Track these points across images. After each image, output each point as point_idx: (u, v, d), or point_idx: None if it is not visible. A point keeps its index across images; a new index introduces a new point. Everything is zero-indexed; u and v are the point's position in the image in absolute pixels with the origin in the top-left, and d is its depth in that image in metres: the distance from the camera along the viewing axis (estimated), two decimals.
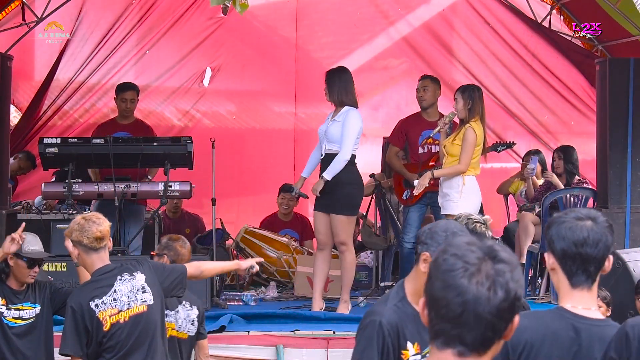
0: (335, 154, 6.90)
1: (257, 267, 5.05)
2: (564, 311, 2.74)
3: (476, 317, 1.80)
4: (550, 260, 2.78)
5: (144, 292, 4.52)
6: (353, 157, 7.00)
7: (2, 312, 5.06)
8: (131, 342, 4.44)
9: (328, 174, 6.86)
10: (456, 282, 1.81)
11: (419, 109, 8.08)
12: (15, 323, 5.09)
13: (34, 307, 5.14)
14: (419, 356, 3.25)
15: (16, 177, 9.35)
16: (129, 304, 4.46)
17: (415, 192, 7.17)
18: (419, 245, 3.34)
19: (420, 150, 7.89)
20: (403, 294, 3.33)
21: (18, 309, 5.11)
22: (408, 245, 7.75)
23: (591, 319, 2.73)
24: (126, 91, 8.36)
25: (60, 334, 5.25)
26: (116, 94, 8.43)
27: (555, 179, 8.35)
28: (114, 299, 4.43)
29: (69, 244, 4.49)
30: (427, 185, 7.20)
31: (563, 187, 8.35)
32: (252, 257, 8.43)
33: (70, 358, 4.48)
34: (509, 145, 7.98)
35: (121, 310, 4.44)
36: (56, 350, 5.21)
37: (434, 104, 7.93)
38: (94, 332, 4.39)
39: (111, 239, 4.61)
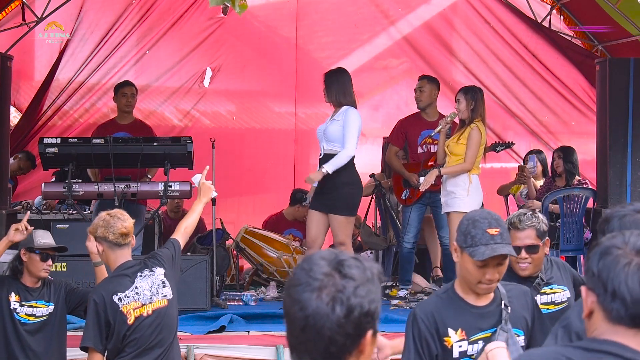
0: (334, 154, 6.89)
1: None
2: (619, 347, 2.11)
3: (317, 333, 1.78)
4: (590, 298, 2.16)
5: (164, 286, 4.59)
6: (352, 157, 6.99)
7: (16, 309, 5.11)
8: (154, 337, 4.46)
9: (330, 167, 6.80)
10: (299, 296, 1.80)
11: (413, 108, 8.09)
12: (28, 320, 5.14)
13: (48, 306, 5.19)
14: (465, 342, 3.28)
15: (16, 177, 9.35)
16: (151, 298, 4.51)
17: (422, 188, 7.16)
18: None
19: (420, 150, 7.89)
20: (452, 285, 3.40)
21: (31, 306, 5.16)
22: (408, 245, 7.75)
23: None
24: (125, 86, 8.38)
25: (73, 333, 5.29)
26: (115, 92, 8.43)
27: (530, 182, 8.43)
28: (137, 293, 4.48)
29: (91, 242, 4.55)
30: (434, 182, 7.23)
31: (534, 190, 8.39)
32: (252, 257, 8.47)
33: (88, 353, 4.48)
34: (508, 145, 7.99)
35: (144, 304, 4.48)
36: (70, 349, 5.26)
37: (432, 104, 7.92)
38: (117, 326, 4.39)
39: (134, 237, 4.70)
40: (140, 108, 9.37)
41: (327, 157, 6.93)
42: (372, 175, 8.69)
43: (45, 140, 7.45)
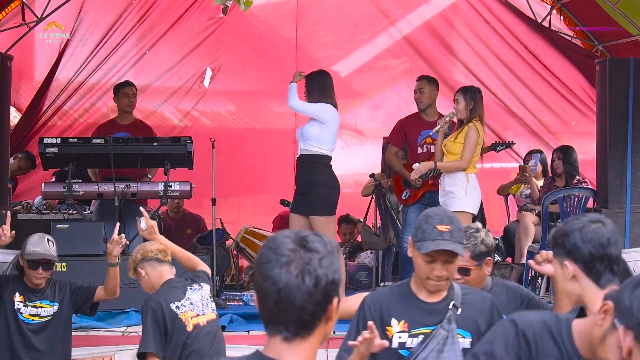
0: (311, 155, 6.95)
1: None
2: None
3: (290, 304, 1.95)
4: (571, 268, 2.74)
5: (212, 301, 4.72)
6: (329, 158, 7.04)
7: (19, 309, 5.12)
8: (211, 347, 4.51)
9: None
10: (269, 272, 1.96)
11: (413, 108, 8.09)
12: (32, 320, 5.17)
13: (52, 305, 5.20)
14: (405, 334, 3.35)
15: (16, 177, 9.34)
16: (203, 309, 4.59)
17: (413, 175, 7.22)
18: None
19: (420, 150, 7.89)
20: (408, 280, 3.45)
21: (36, 307, 5.19)
22: (408, 245, 7.75)
23: None
24: (127, 86, 8.37)
25: (73, 333, 5.28)
26: (116, 92, 8.41)
27: (532, 182, 8.43)
28: (191, 303, 4.55)
29: (134, 273, 4.68)
30: (432, 182, 7.24)
31: (537, 191, 8.39)
32: (252, 257, 8.46)
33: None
34: (508, 145, 7.99)
35: (199, 315, 4.55)
36: (75, 349, 5.26)
37: (432, 105, 7.92)
38: (176, 334, 4.43)
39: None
40: (140, 108, 9.37)
41: (303, 158, 7.00)
42: (372, 175, 8.69)
43: (45, 140, 7.45)
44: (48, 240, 5.19)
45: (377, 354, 3.18)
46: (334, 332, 6.45)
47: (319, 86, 7.09)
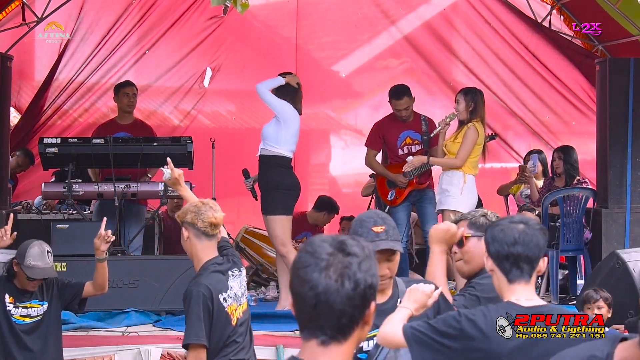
0: (268, 155, 7.05)
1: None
2: (512, 304, 3.05)
3: (329, 308, 1.95)
4: (488, 262, 3.12)
5: (246, 288, 4.52)
6: (287, 159, 7.08)
7: (10, 310, 5.12)
8: (245, 337, 4.36)
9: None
10: (308, 276, 1.96)
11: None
12: (23, 321, 5.15)
13: (42, 305, 5.19)
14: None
15: (16, 176, 9.34)
16: (241, 299, 4.39)
17: (405, 168, 7.26)
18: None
19: (400, 152, 7.88)
20: None
21: (26, 307, 5.17)
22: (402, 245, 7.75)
23: (537, 306, 3.05)
24: (127, 86, 8.38)
25: (73, 333, 5.26)
26: (116, 92, 8.41)
27: (532, 182, 8.43)
28: (235, 294, 4.33)
29: (182, 230, 4.31)
30: (420, 182, 7.38)
31: (537, 192, 8.39)
32: (252, 257, 8.47)
33: (190, 350, 4.15)
34: (491, 137, 7.93)
35: (239, 305, 4.35)
36: (69, 349, 5.23)
37: None
38: (220, 326, 4.19)
39: (222, 231, 4.50)
40: (140, 108, 9.36)
41: (261, 158, 7.12)
42: (372, 176, 8.68)
43: (45, 140, 7.46)
44: (48, 252, 5.12)
45: None
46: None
47: (292, 91, 7.13)
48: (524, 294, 3.06)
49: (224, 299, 4.23)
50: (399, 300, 3.36)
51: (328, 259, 1.97)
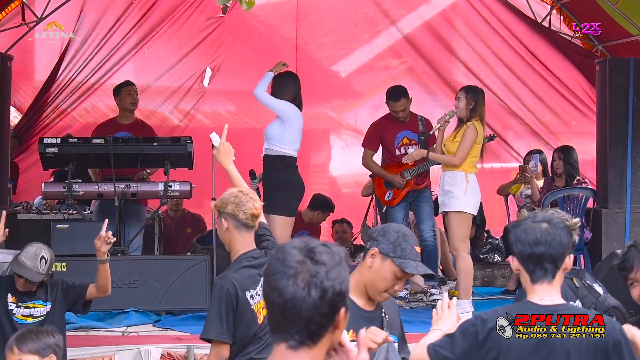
0: (274, 155, 7.06)
1: None
2: (529, 303, 3.08)
3: (296, 315, 1.98)
4: (514, 262, 3.12)
5: None
6: (293, 159, 7.08)
7: (12, 310, 5.12)
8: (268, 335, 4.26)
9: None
10: (277, 284, 1.99)
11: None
12: (26, 321, 5.15)
13: (45, 305, 5.19)
14: (354, 343, 3.32)
15: (18, 174, 9.32)
16: None
17: (404, 159, 7.30)
18: (369, 242, 3.46)
19: (397, 152, 7.88)
20: None
21: (28, 307, 5.17)
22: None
23: (553, 305, 3.07)
24: (128, 85, 8.33)
25: (73, 333, 5.25)
26: (117, 93, 8.33)
27: (533, 183, 8.43)
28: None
29: (220, 220, 4.16)
30: (417, 182, 7.45)
31: (537, 192, 8.39)
32: None
33: (213, 345, 4.02)
34: (490, 138, 7.92)
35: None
36: (72, 349, 5.22)
37: None
38: (246, 324, 4.04)
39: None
40: (140, 108, 9.33)
41: (266, 158, 7.13)
42: (372, 176, 8.68)
43: (45, 140, 7.45)
44: (42, 257, 5.08)
45: None
46: None
47: (279, 86, 7.11)
48: (546, 293, 3.07)
49: (252, 296, 4.08)
50: (383, 310, 3.42)
51: (296, 267, 1.98)
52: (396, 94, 7.83)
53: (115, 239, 5.18)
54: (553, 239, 3.03)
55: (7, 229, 5.14)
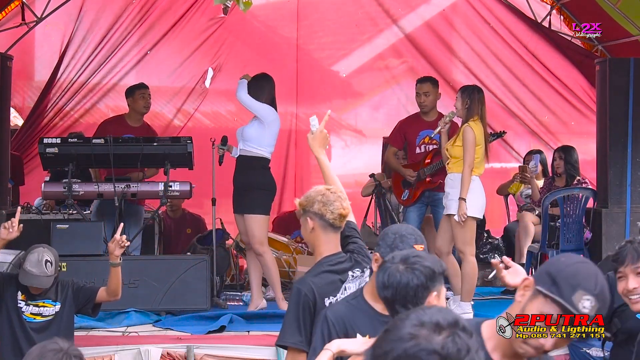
0: (250, 156, 7.10)
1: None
2: None
3: None
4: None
5: None
6: (267, 160, 7.15)
7: (21, 307, 5.13)
8: None
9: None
10: None
11: (414, 109, 8.08)
12: (34, 319, 5.18)
13: (55, 305, 5.21)
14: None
15: (21, 175, 9.31)
16: None
17: (439, 123, 7.10)
18: (374, 247, 3.41)
19: (418, 150, 7.89)
20: (361, 291, 3.45)
21: (37, 306, 5.19)
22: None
23: None
24: (142, 88, 8.28)
25: (81, 334, 5.23)
26: (131, 94, 8.20)
27: (534, 183, 8.42)
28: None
29: (305, 220, 3.92)
30: (433, 181, 7.45)
31: (538, 192, 8.39)
32: None
33: (289, 352, 3.78)
34: (500, 135, 7.90)
35: None
36: (83, 348, 5.22)
37: (434, 106, 7.90)
38: None
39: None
40: None
41: (242, 158, 7.17)
42: (372, 175, 8.69)
43: (45, 140, 7.44)
44: (47, 261, 5.09)
45: None
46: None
47: (255, 87, 7.15)
48: None
49: (330, 303, 3.74)
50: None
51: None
52: (424, 77, 8.00)
53: (129, 242, 5.19)
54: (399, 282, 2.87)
55: (21, 224, 5.15)
